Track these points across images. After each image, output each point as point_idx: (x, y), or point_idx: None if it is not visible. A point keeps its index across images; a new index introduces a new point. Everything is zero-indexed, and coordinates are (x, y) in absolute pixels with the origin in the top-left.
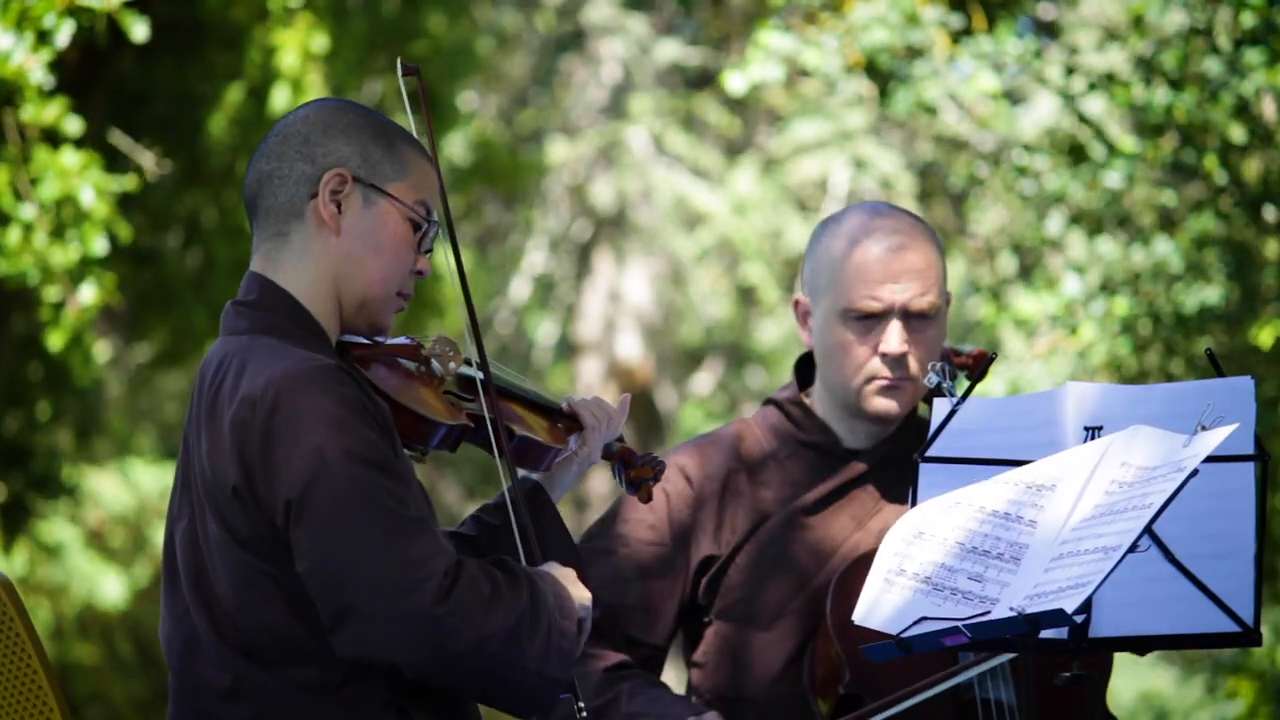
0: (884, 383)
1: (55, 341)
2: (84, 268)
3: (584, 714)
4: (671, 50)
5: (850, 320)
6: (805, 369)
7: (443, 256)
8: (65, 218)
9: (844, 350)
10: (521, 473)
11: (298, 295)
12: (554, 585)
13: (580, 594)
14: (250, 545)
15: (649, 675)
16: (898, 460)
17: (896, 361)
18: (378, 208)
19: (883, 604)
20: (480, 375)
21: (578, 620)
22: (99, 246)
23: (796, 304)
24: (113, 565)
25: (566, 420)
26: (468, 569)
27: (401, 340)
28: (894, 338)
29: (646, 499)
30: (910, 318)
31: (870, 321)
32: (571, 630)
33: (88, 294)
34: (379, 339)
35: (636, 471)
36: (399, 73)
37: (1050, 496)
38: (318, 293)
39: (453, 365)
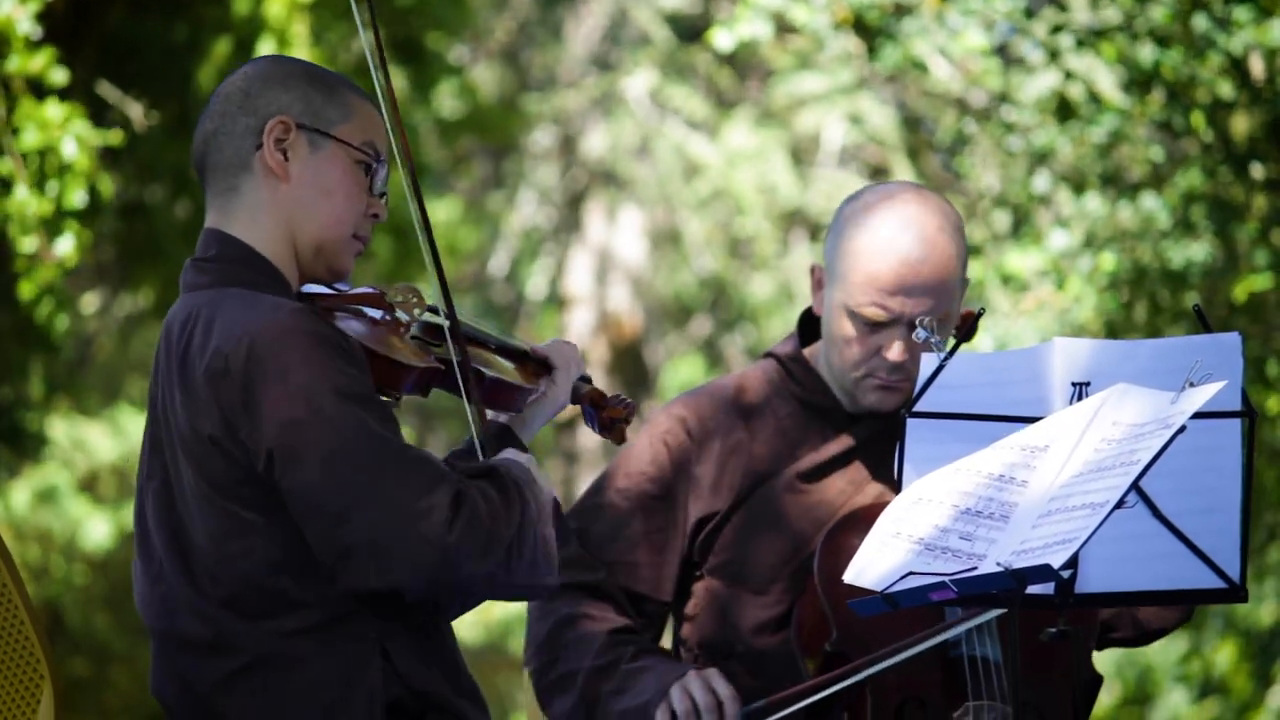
0: (880, 382)
1: (25, 292)
2: (60, 220)
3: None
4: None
5: (857, 319)
6: (808, 324)
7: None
8: (48, 169)
9: (847, 344)
10: (491, 415)
11: (255, 245)
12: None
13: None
14: (229, 493)
15: (650, 642)
16: (896, 426)
17: (897, 367)
18: (324, 151)
19: (874, 564)
20: (446, 321)
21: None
22: (78, 199)
23: (813, 270)
24: (101, 509)
25: (534, 363)
26: (469, 498)
27: (364, 289)
28: (898, 348)
29: (620, 440)
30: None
31: (876, 325)
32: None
33: (64, 246)
34: (340, 286)
35: (608, 413)
36: None
37: (1043, 457)
38: (274, 241)
39: (417, 311)
